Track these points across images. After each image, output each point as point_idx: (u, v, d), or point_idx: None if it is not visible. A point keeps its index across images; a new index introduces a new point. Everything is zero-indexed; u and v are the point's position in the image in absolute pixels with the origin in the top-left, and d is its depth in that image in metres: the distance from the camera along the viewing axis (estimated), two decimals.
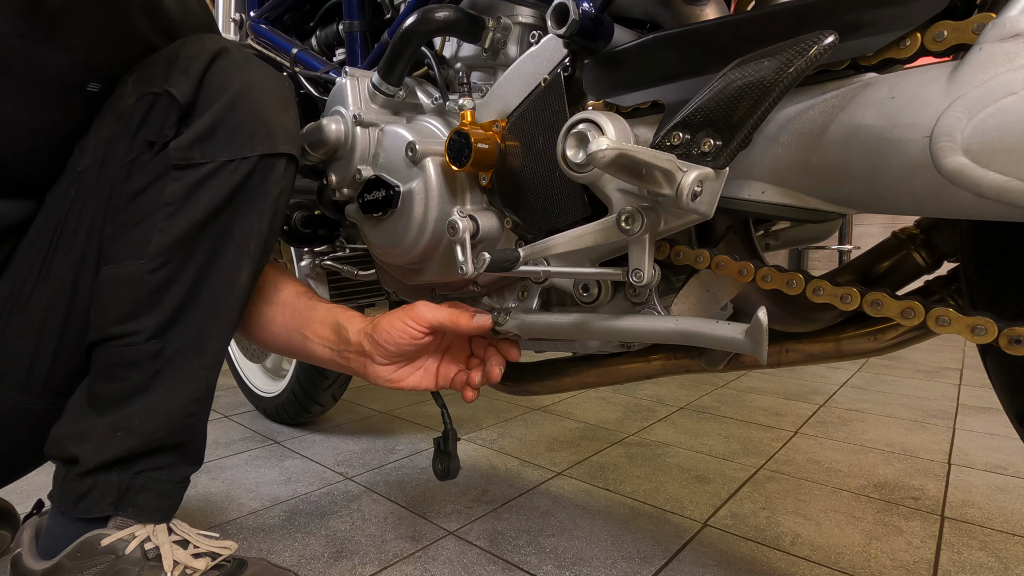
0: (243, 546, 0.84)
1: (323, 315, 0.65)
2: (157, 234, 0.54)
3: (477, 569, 0.78)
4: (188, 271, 0.56)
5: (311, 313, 0.66)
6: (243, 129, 0.56)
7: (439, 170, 0.63)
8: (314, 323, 0.65)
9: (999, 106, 0.32)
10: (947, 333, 0.39)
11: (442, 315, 0.59)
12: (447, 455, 0.69)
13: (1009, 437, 1.31)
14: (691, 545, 0.85)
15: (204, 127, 0.55)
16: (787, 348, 0.58)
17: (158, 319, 0.55)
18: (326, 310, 0.66)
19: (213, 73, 0.56)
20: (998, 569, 0.79)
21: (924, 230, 0.55)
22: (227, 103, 0.55)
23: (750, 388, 1.75)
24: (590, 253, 0.52)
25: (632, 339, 0.52)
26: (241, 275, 0.59)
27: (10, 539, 0.73)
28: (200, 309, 0.57)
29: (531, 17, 0.63)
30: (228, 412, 1.50)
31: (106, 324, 0.54)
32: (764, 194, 0.43)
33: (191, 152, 0.54)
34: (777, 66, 0.37)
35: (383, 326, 0.60)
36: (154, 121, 0.55)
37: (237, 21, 1.00)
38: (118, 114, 0.56)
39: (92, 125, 0.58)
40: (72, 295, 0.56)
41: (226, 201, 0.56)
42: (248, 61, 0.59)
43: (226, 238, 0.57)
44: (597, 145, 0.39)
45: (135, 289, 0.54)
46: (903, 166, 0.36)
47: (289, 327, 0.66)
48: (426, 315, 0.59)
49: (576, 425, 1.40)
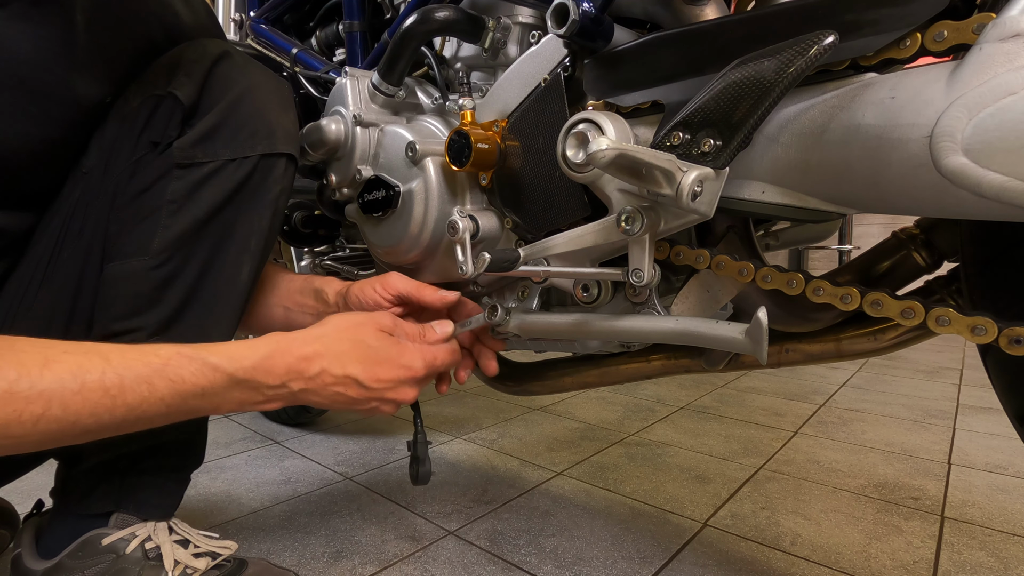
0: (243, 546, 0.84)
1: (301, 285, 0.68)
2: (160, 231, 0.55)
3: (477, 569, 0.78)
4: (191, 268, 0.56)
5: (290, 285, 0.68)
6: (244, 129, 0.57)
7: (439, 170, 0.63)
8: (294, 294, 0.67)
9: (999, 106, 0.32)
10: (947, 333, 0.39)
11: (410, 286, 0.61)
12: (417, 460, 0.69)
13: (1009, 437, 1.31)
14: (691, 545, 0.85)
15: (207, 127, 0.56)
16: (787, 348, 0.58)
17: (161, 315, 0.55)
18: (303, 279, 0.68)
19: (216, 76, 0.57)
20: (998, 569, 0.79)
21: (924, 230, 0.55)
22: (229, 104, 0.56)
23: (750, 388, 1.75)
24: (590, 253, 0.52)
25: (632, 339, 0.52)
26: (242, 271, 0.59)
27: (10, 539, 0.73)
28: (202, 305, 0.57)
29: (531, 17, 0.63)
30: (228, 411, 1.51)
31: (110, 321, 0.55)
32: (764, 194, 0.43)
33: (194, 152, 0.55)
34: (777, 66, 0.37)
35: (355, 290, 0.63)
36: (158, 122, 0.56)
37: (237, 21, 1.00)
38: (122, 116, 0.57)
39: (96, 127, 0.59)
40: (77, 294, 0.56)
41: (228, 199, 0.57)
42: (249, 64, 0.60)
43: (228, 235, 0.58)
44: (597, 145, 0.39)
45: (139, 285, 0.54)
46: (903, 166, 0.36)
47: (270, 302, 0.68)
48: (396, 284, 0.61)
49: (576, 425, 1.40)
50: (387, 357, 0.52)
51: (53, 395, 0.38)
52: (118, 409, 0.40)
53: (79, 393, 0.39)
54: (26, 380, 0.37)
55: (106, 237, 0.57)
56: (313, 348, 0.48)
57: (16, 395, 0.36)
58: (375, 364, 0.51)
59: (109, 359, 0.41)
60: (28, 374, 0.37)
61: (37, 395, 0.37)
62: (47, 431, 0.38)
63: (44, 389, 0.37)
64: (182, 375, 0.43)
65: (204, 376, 0.44)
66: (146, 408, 0.42)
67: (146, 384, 0.41)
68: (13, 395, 0.36)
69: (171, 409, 0.44)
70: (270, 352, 0.47)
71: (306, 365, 0.48)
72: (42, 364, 0.38)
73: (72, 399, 0.38)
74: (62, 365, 0.39)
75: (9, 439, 0.37)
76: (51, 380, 0.38)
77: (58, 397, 0.38)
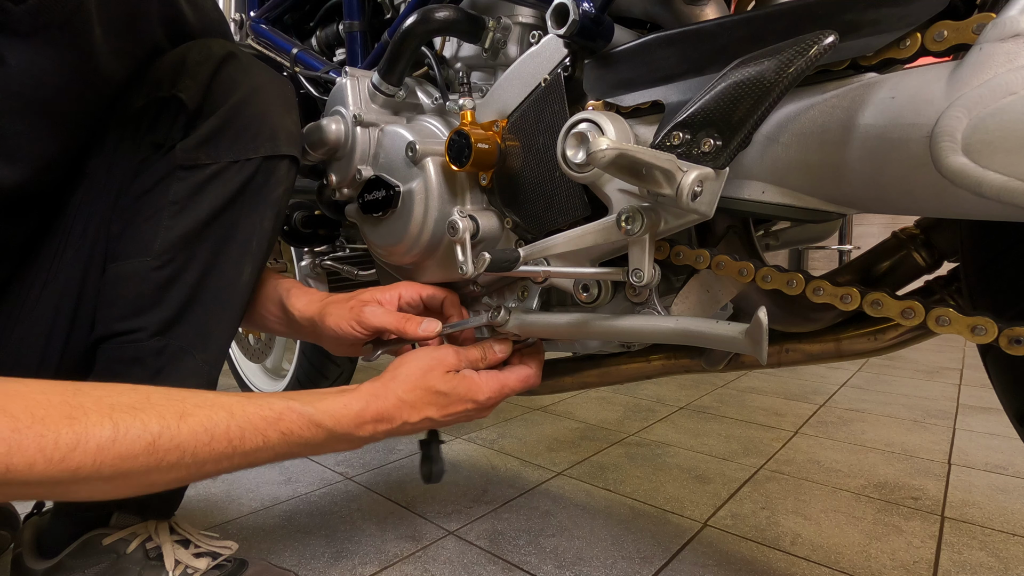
0: (243, 546, 0.84)
1: (269, 291, 0.67)
2: (163, 232, 0.55)
3: (477, 569, 0.78)
4: (192, 268, 0.56)
5: (263, 286, 0.68)
6: (247, 131, 0.57)
7: (439, 170, 0.63)
8: (262, 298, 0.67)
9: (999, 106, 0.32)
10: (947, 333, 0.39)
11: (388, 320, 0.60)
12: (430, 459, 0.70)
13: (1009, 437, 1.31)
14: (691, 545, 0.85)
15: (210, 130, 0.56)
16: (787, 348, 0.58)
17: (163, 316, 0.55)
18: (272, 284, 0.67)
19: (220, 78, 0.57)
20: (998, 569, 0.79)
21: (924, 230, 0.55)
22: (232, 107, 0.56)
23: (750, 388, 1.75)
24: (590, 253, 0.52)
25: (632, 339, 0.52)
26: (244, 272, 0.59)
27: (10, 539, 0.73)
28: (204, 306, 0.57)
29: (531, 17, 0.63)
30: None
31: (112, 320, 0.55)
32: (764, 194, 0.43)
33: (197, 153, 0.55)
34: (777, 66, 0.37)
35: (331, 322, 0.61)
36: (162, 124, 0.56)
37: (237, 21, 1.00)
38: (126, 117, 0.57)
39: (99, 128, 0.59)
40: (80, 293, 0.57)
41: (230, 201, 0.57)
42: (253, 65, 0.60)
43: (229, 236, 0.58)
44: (597, 145, 0.39)
45: (140, 285, 0.55)
46: (903, 166, 0.36)
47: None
48: (371, 320, 0.60)
49: (576, 425, 1.40)
50: (457, 397, 0.55)
51: (188, 445, 0.41)
52: (236, 456, 0.45)
53: (208, 444, 0.43)
54: (168, 433, 0.40)
55: (108, 238, 0.57)
56: (392, 403, 0.53)
57: (159, 447, 0.40)
58: (447, 406, 0.55)
59: (233, 412, 0.45)
60: (168, 427, 0.41)
61: (175, 446, 0.41)
62: (177, 477, 0.42)
63: (181, 441, 0.41)
64: (292, 428, 0.47)
65: (309, 431, 0.48)
66: (259, 455, 0.46)
67: (261, 435, 0.46)
68: (156, 447, 0.40)
69: (278, 455, 0.48)
70: (361, 410, 0.51)
71: (389, 420, 0.52)
72: (179, 417, 0.41)
73: (202, 449, 0.42)
74: (195, 418, 0.42)
75: (147, 484, 0.41)
76: (187, 433, 0.41)
77: (191, 447, 0.42)
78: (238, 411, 0.45)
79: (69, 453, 0.36)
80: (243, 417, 0.45)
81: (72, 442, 0.36)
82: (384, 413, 0.52)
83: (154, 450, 0.39)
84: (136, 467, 0.39)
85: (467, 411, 0.56)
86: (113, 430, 0.38)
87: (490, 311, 0.60)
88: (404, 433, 0.55)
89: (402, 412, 0.53)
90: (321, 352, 1.25)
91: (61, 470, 0.35)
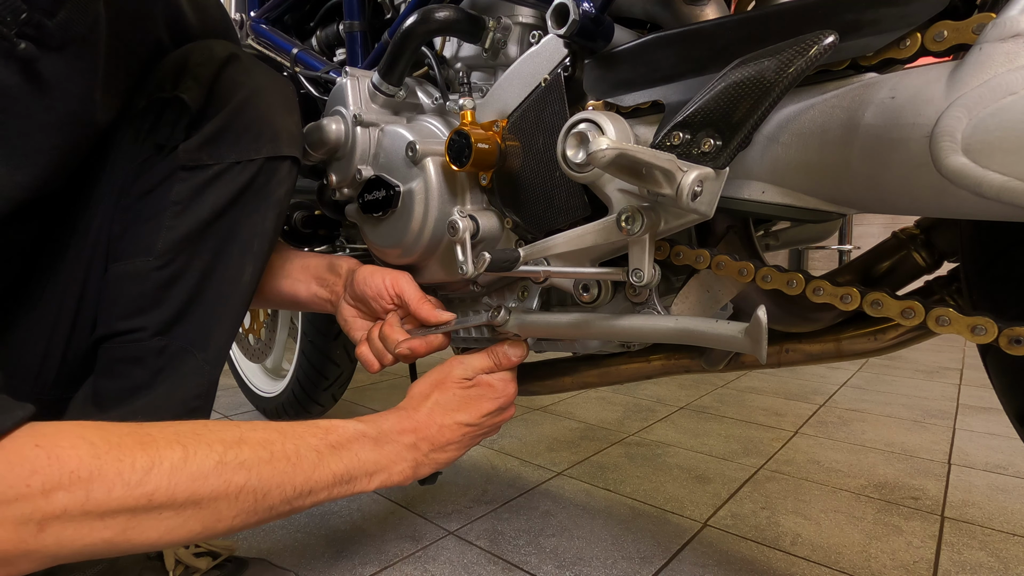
0: (243, 546, 0.84)
1: (317, 261, 0.72)
2: (164, 232, 0.55)
3: (477, 569, 0.78)
4: (194, 268, 0.56)
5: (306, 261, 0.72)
6: (249, 132, 0.57)
7: (439, 170, 0.63)
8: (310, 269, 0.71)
9: (999, 106, 0.32)
10: (947, 333, 0.39)
11: (411, 296, 0.64)
12: None
13: (1009, 437, 1.31)
14: (691, 545, 0.85)
15: (212, 131, 0.56)
16: (787, 348, 0.58)
17: (164, 315, 0.56)
18: (318, 258, 0.72)
19: (222, 79, 0.57)
20: (998, 569, 0.79)
21: (924, 230, 0.55)
22: (234, 108, 0.57)
23: (750, 388, 1.75)
24: (590, 253, 0.52)
25: (632, 339, 0.52)
26: (245, 273, 0.60)
27: None
28: (205, 306, 0.58)
29: (531, 17, 0.63)
30: (228, 412, 1.50)
31: (113, 319, 0.55)
32: (764, 194, 0.43)
33: (199, 154, 0.56)
34: (777, 66, 0.37)
35: (364, 272, 0.66)
36: (164, 125, 0.56)
37: (237, 21, 1.00)
38: (128, 117, 0.57)
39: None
40: (82, 293, 0.57)
41: (232, 201, 0.57)
42: (255, 66, 0.60)
43: (231, 237, 0.58)
44: (597, 145, 0.39)
45: (142, 285, 0.55)
46: (903, 166, 0.36)
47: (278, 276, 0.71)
48: (403, 287, 0.64)
49: (576, 425, 1.40)
50: (477, 394, 0.60)
51: (251, 463, 0.42)
52: (297, 477, 0.45)
53: (269, 462, 0.43)
54: (232, 451, 0.42)
55: (110, 237, 0.57)
56: (423, 414, 0.56)
57: (227, 464, 0.41)
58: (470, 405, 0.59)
59: (283, 431, 0.47)
60: (231, 447, 0.42)
61: (240, 464, 0.41)
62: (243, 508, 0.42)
63: (245, 459, 0.42)
64: (341, 440, 0.50)
65: (357, 441, 0.51)
66: (317, 478, 0.47)
67: (314, 452, 0.47)
68: (224, 464, 0.40)
69: (336, 477, 0.48)
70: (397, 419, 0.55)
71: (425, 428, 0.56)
72: (239, 440, 0.43)
73: (264, 468, 0.43)
74: (253, 438, 0.44)
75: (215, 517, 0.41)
76: (248, 451, 0.43)
77: (254, 464, 0.42)
78: (288, 430, 0.47)
79: (145, 476, 0.36)
80: (293, 434, 0.46)
81: (147, 464, 0.37)
82: (419, 423, 0.55)
83: (223, 469, 0.40)
84: (207, 491, 0.39)
85: (492, 408, 0.60)
86: (183, 451, 0.39)
87: (490, 311, 0.60)
88: (448, 449, 0.58)
89: (433, 417, 0.56)
90: (321, 352, 1.25)
91: (138, 496, 0.36)
